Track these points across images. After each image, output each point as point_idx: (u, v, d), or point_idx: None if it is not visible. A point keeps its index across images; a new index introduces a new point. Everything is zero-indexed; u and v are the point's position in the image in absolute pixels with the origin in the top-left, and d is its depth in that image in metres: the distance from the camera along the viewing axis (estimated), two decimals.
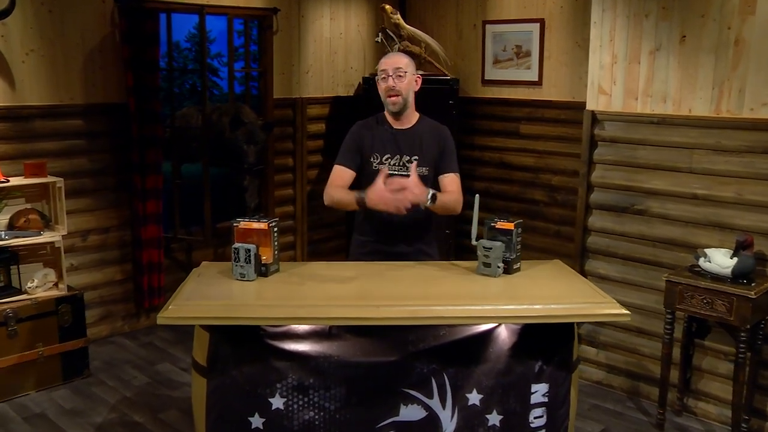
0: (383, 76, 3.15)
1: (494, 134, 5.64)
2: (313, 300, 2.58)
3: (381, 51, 5.73)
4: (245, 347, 2.59)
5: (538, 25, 5.30)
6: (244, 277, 2.78)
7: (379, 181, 2.93)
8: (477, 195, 2.95)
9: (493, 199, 5.57)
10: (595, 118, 4.20)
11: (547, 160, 5.37)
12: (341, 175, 3.19)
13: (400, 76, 3.13)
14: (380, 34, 5.46)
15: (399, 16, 5.44)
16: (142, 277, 4.95)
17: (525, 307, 2.56)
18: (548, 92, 5.32)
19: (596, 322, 4.22)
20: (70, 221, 4.56)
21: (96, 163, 4.74)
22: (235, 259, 2.79)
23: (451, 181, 3.18)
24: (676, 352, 3.92)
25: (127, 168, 4.82)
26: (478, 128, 5.70)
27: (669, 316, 3.71)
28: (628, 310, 2.66)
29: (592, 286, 2.79)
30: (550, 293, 2.71)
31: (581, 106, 4.97)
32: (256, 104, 5.62)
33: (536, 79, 5.36)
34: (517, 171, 5.53)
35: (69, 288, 4.35)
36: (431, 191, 3.00)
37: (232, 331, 2.55)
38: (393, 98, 3.15)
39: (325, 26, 5.80)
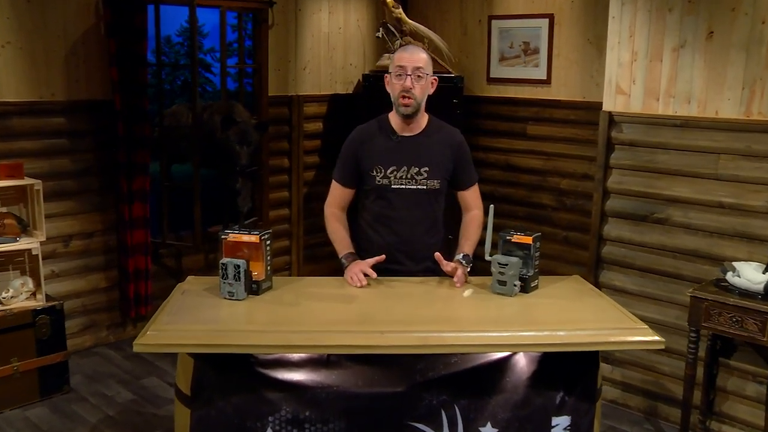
0: (399, 72, 2.80)
1: (500, 135, 5.43)
2: (310, 324, 2.30)
3: (381, 47, 5.53)
4: (233, 375, 2.32)
5: (547, 20, 5.10)
6: (232, 295, 2.51)
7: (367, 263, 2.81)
8: (492, 206, 2.67)
9: (498, 203, 5.29)
10: (612, 120, 3.95)
11: (555, 163, 5.17)
12: (340, 194, 2.97)
13: (420, 76, 2.81)
14: (381, 29, 5.26)
15: (401, 10, 5.23)
16: (128, 284, 4.70)
17: (547, 333, 2.28)
18: (557, 91, 5.13)
19: None
20: (52, 225, 4.34)
21: (79, 163, 4.50)
22: (223, 275, 2.51)
23: (473, 196, 2.97)
24: (699, 372, 3.65)
25: (113, 169, 4.58)
26: (482, 129, 5.49)
27: (693, 335, 3.45)
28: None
29: (620, 308, 2.52)
30: (573, 316, 2.44)
31: (592, 106, 4.84)
32: (251, 102, 5.40)
33: (545, 78, 5.16)
34: (524, 174, 5.33)
35: (48, 298, 4.07)
36: (462, 258, 2.86)
37: (218, 357, 2.28)
38: (407, 101, 2.81)
39: (324, 20, 5.59)
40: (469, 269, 2.80)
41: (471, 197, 2.99)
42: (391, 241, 2.92)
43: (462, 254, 2.85)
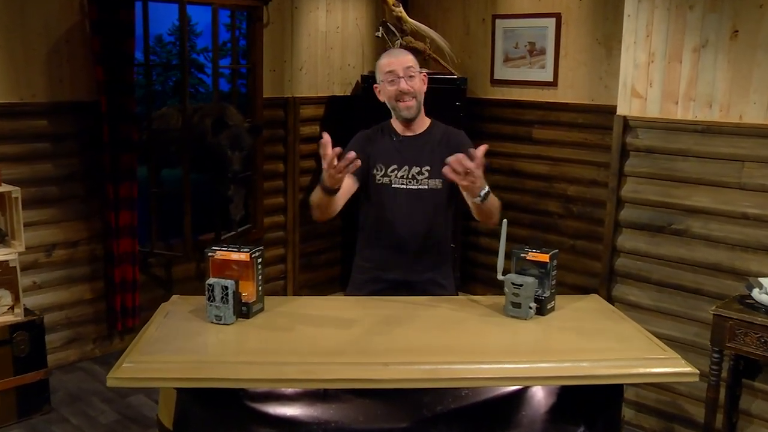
0: (391, 78, 2.69)
1: (504, 139, 5.27)
2: (305, 353, 2.07)
3: (381, 47, 5.36)
4: (221, 410, 2.10)
5: (554, 19, 4.96)
6: (220, 320, 2.27)
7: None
8: (505, 221, 2.44)
9: (502, 210, 5.14)
10: (627, 125, 3.73)
11: (562, 168, 5.01)
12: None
13: (411, 75, 2.70)
14: (381, 28, 5.13)
15: (401, 8, 5.09)
16: (115, 295, 4.49)
17: (568, 364, 2.05)
18: (564, 94, 4.98)
19: None
20: (34, 234, 4.15)
21: (62, 168, 4.28)
22: (210, 298, 2.28)
23: None
24: (720, 393, 3.43)
25: (98, 174, 4.37)
26: (486, 132, 5.31)
27: (716, 356, 3.22)
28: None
29: (646, 333, 2.30)
30: (595, 343, 2.21)
31: (601, 109, 4.70)
32: (245, 104, 5.21)
33: (551, 80, 5.03)
34: (530, 179, 5.18)
35: (27, 312, 3.83)
36: (487, 187, 2.48)
37: (204, 389, 2.05)
38: (407, 103, 2.71)
39: (321, 19, 5.41)
40: (482, 198, 2.43)
41: None
42: (393, 247, 2.73)
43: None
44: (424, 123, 2.82)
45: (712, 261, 3.51)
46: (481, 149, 2.36)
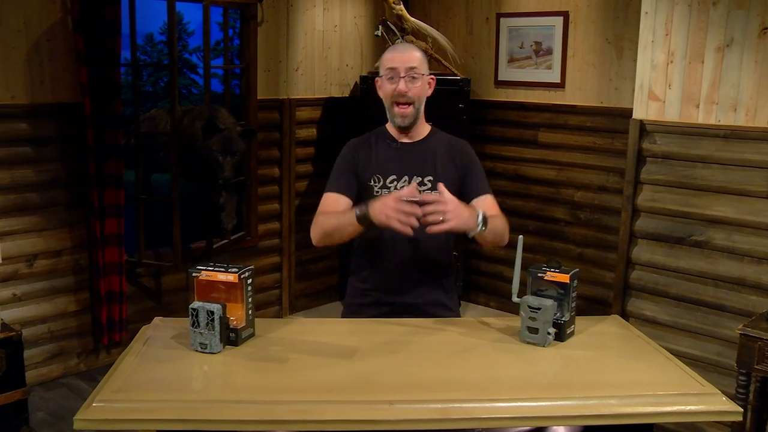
0: (390, 75, 2.43)
1: (509, 143, 5.16)
2: (300, 390, 1.84)
3: (381, 46, 5.22)
4: None
5: (561, 18, 4.84)
6: (205, 348, 2.04)
7: (397, 194, 2.19)
8: (521, 237, 2.22)
9: (506, 217, 5.01)
10: (643, 129, 3.54)
11: (569, 173, 4.87)
12: (334, 203, 2.46)
13: (414, 77, 2.43)
14: (380, 26, 5.03)
15: (402, 6, 4.96)
16: (101, 307, 4.28)
17: (594, 402, 1.83)
18: (572, 96, 4.85)
19: None
20: (13, 243, 3.96)
21: (44, 174, 4.08)
22: (194, 323, 2.05)
23: (489, 205, 2.48)
24: (747, 417, 3.23)
25: (82, 180, 4.17)
26: (490, 136, 5.21)
27: (743, 378, 3.01)
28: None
29: (678, 363, 2.08)
30: (623, 377, 1.99)
31: (611, 112, 4.60)
32: (238, 105, 5.05)
33: (558, 81, 4.92)
34: (535, 185, 5.05)
35: (5, 327, 3.60)
36: (481, 212, 2.26)
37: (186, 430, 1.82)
38: (403, 109, 2.45)
39: (318, 17, 5.27)
40: (479, 230, 2.24)
41: (488, 207, 2.48)
42: (393, 267, 2.49)
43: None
44: (423, 129, 2.57)
45: (736, 275, 3.31)
46: (439, 187, 2.25)
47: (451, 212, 2.16)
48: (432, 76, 2.54)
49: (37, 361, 4.16)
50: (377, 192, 2.48)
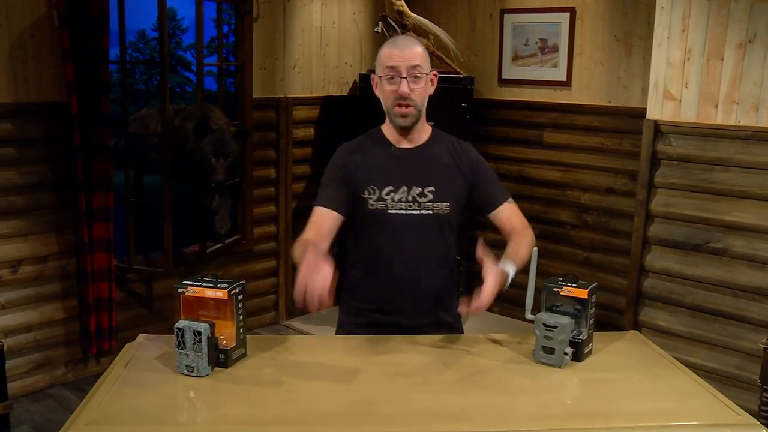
0: (391, 75, 2.20)
1: (513, 143, 5.09)
2: (294, 422, 1.67)
3: (380, 44, 4.98)
4: None
5: (567, 14, 4.76)
6: (192, 371, 1.87)
7: (323, 276, 1.81)
8: (535, 248, 2.05)
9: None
10: (658, 131, 3.41)
11: (575, 175, 4.80)
12: (320, 220, 2.23)
13: (417, 77, 2.20)
14: (380, 23, 4.96)
15: (403, 2, 4.89)
16: (90, 315, 4.15)
17: None
18: (579, 95, 4.77)
19: None
20: None
21: (29, 176, 3.94)
22: (179, 344, 1.87)
23: (512, 213, 2.32)
24: None
25: (69, 183, 4.03)
26: (493, 136, 5.14)
27: (767, 395, 2.85)
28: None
29: (708, 387, 1.91)
30: (649, 404, 1.82)
31: (620, 111, 4.54)
32: (233, 104, 4.94)
33: (564, 79, 4.86)
34: (540, 187, 4.98)
35: None
36: (507, 263, 2.08)
37: None
38: (404, 109, 2.22)
39: (316, 13, 5.18)
40: (509, 277, 2.08)
41: (511, 215, 2.32)
42: (392, 286, 2.29)
43: (509, 262, 2.11)
44: (424, 132, 2.34)
45: (757, 284, 3.18)
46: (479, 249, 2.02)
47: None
48: (434, 72, 2.31)
49: (23, 371, 4.02)
50: (372, 205, 2.25)
